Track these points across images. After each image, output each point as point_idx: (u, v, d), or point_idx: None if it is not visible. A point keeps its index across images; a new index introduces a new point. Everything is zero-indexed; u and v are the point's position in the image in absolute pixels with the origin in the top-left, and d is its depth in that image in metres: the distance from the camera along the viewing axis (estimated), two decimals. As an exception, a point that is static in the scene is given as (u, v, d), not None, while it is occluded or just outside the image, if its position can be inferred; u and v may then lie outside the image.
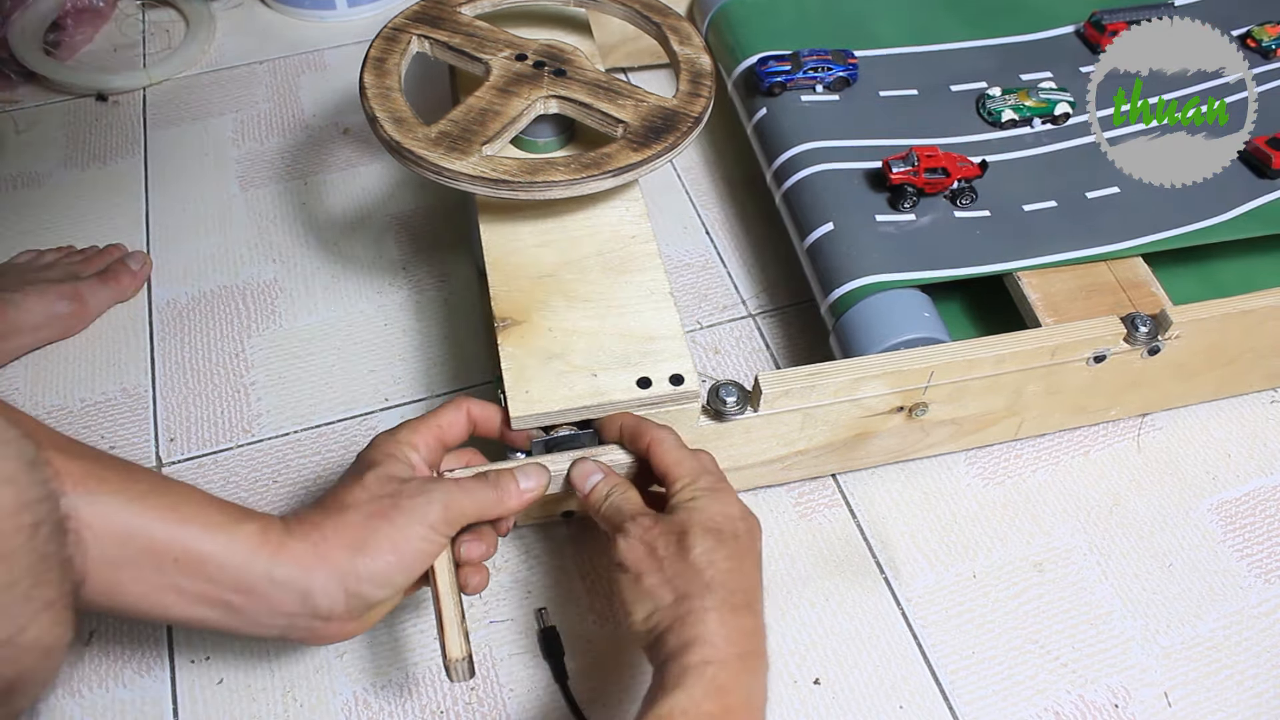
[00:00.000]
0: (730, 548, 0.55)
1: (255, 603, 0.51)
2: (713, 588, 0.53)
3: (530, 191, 0.63)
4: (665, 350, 0.63)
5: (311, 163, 0.97)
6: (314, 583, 0.52)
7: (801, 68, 0.85)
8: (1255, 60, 0.90)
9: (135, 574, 0.48)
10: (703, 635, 0.51)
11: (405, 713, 0.64)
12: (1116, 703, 0.66)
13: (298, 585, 0.52)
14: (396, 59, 0.69)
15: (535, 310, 0.64)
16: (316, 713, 0.64)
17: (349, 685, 0.65)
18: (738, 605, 0.53)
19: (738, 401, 0.64)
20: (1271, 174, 0.80)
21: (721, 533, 0.55)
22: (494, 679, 0.65)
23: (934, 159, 0.76)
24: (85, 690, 0.65)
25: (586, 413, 0.61)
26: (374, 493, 0.55)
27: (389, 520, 0.54)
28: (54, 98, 1.03)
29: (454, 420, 0.61)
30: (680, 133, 0.66)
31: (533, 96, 0.67)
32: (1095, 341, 0.68)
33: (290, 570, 0.51)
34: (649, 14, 0.75)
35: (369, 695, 0.65)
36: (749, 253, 0.90)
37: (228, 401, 0.79)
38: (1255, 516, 0.74)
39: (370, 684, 0.65)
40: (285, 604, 0.52)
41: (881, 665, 0.67)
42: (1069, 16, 0.94)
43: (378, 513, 0.54)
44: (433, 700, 0.65)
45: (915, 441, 0.72)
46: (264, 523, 0.52)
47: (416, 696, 0.65)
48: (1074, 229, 0.77)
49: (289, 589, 0.51)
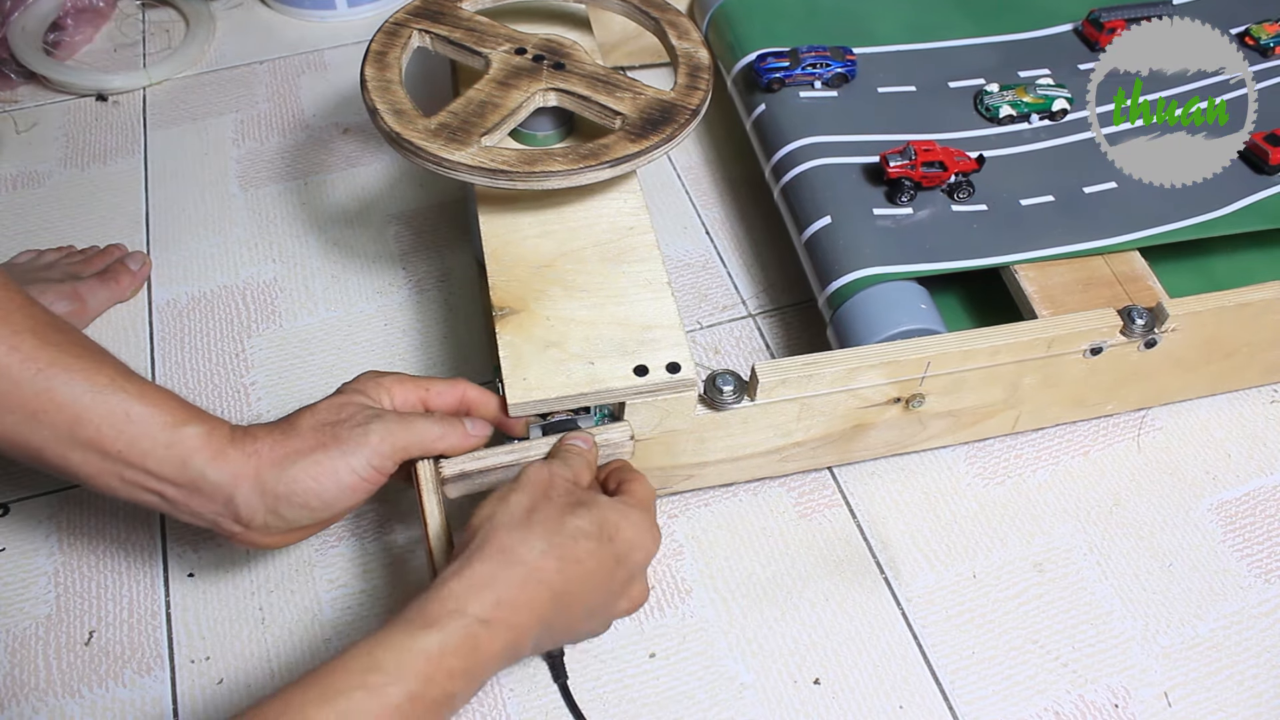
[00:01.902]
0: (598, 558, 0.54)
1: (187, 498, 0.55)
2: (541, 563, 0.52)
3: (528, 181, 0.63)
4: (662, 339, 0.63)
5: (311, 163, 0.97)
6: (238, 492, 0.55)
7: (800, 64, 0.85)
8: (1254, 58, 0.90)
9: (84, 457, 0.53)
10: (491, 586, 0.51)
11: (403, 711, 0.64)
12: (1116, 703, 0.65)
13: (224, 491, 0.55)
14: (397, 52, 0.69)
15: (533, 299, 0.64)
16: (314, 710, 0.64)
17: (346, 682, 0.65)
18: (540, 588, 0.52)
19: (734, 390, 0.64)
20: (1269, 170, 0.80)
21: (610, 540, 0.55)
22: (494, 679, 0.65)
23: (931, 153, 0.76)
24: (85, 690, 0.65)
25: (583, 400, 0.61)
26: (322, 419, 0.57)
27: (323, 448, 0.56)
28: (54, 98, 1.03)
29: (443, 391, 0.62)
30: (678, 124, 0.66)
31: (531, 89, 0.67)
32: (1092, 334, 0.67)
33: (221, 476, 0.55)
34: (648, 9, 0.75)
35: (367, 693, 0.65)
36: (749, 253, 0.90)
37: (228, 401, 0.79)
38: (1255, 516, 0.74)
39: (367, 681, 0.65)
40: (211, 504, 0.56)
41: (881, 665, 0.66)
42: (1068, 14, 0.94)
43: (315, 440, 0.56)
44: (430, 697, 0.64)
45: (913, 434, 0.72)
46: (211, 426, 0.56)
47: (414, 694, 0.65)
48: (1071, 223, 0.77)
49: (216, 492, 0.55)
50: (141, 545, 0.71)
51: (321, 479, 0.56)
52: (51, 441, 0.53)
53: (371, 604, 0.68)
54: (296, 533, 0.59)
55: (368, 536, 0.71)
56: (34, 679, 0.65)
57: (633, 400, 0.62)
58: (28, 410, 0.52)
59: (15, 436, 0.53)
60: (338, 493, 0.57)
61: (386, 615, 0.67)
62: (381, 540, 0.71)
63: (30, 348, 0.52)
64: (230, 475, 0.55)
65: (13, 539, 0.71)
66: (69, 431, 0.53)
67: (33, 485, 0.74)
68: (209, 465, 0.55)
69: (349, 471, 0.56)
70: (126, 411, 0.54)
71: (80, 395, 0.53)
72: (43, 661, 0.66)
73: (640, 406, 0.62)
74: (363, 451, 0.56)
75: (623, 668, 0.66)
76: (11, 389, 0.52)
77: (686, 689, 0.65)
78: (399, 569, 0.70)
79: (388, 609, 0.68)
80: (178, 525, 0.71)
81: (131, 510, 0.72)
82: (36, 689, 0.64)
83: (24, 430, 0.53)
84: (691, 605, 0.69)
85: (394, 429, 0.57)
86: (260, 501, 0.56)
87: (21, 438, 0.53)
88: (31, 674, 0.65)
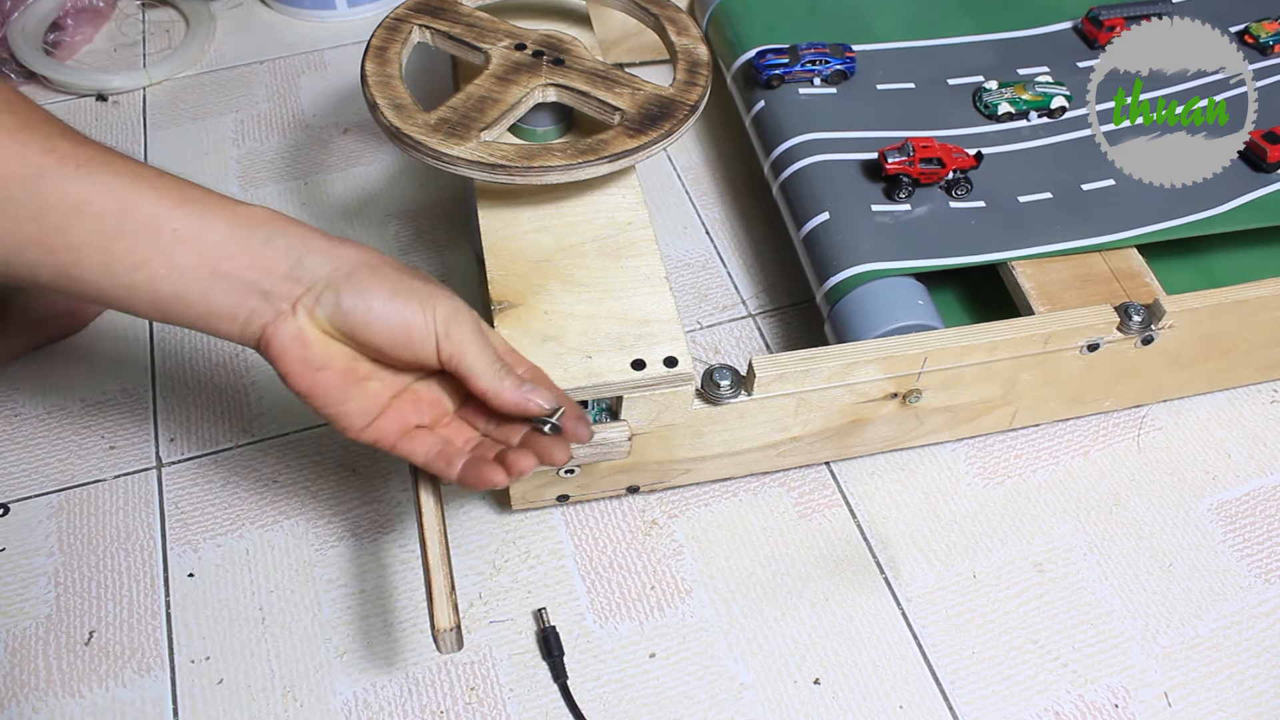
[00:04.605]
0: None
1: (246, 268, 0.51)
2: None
3: (527, 176, 0.63)
4: (660, 333, 0.63)
5: (311, 162, 0.97)
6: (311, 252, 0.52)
7: (799, 61, 0.85)
8: (1253, 56, 0.90)
9: (129, 245, 0.49)
10: None
11: (405, 713, 0.64)
12: (1116, 703, 0.65)
13: (294, 249, 0.51)
14: (397, 48, 0.69)
15: (532, 294, 0.64)
16: (316, 713, 0.64)
17: (349, 685, 0.65)
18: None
19: (732, 385, 0.64)
20: (1268, 168, 0.80)
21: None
22: (494, 679, 0.65)
23: (929, 150, 0.76)
24: (85, 690, 0.65)
25: (581, 394, 0.61)
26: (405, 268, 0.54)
27: (406, 273, 0.53)
28: (54, 98, 1.03)
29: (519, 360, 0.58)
30: (676, 120, 0.66)
31: (531, 84, 0.67)
32: (1089, 330, 0.67)
33: (291, 240, 0.52)
34: (647, 5, 0.75)
35: (369, 695, 0.65)
36: (749, 253, 0.90)
37: (228, 401, 0.79)
38: (1255, 516, 0.74)
39: (370, 684, 0.65)
40: (276, 265, 0.51)
41: (881, 665, 0.66)
42: (1067, 12, 0.94)
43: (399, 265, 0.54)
44: (433, 700, 0.64)
45: (910, 430, 0.72)
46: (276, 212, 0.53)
47: (416, 696, 0.65)
48: (1069, 220, 0.77)
49: (283, 250, 0.51)
50: (141, 545, 0.71)
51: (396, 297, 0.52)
52: (95, 235, 0.49)
53: (371, 604, 0.68)
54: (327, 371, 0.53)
55: (367, 536, 0.71)
56: (34, 679, 0.65)
57: (630, 394, 0.62)
58: (70, 205, 0.48)
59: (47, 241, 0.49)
60: (396, 318, 0.52)
61: (386, 615, 0.67)
62: (381, 540, 0.71)
63: (66, 149, 0.49)
64: (302, 239, 0.52)
65: (13, 539, 0.71)
66: (116, 220, 0.49)
67: (33, 485, 0.74)
68: (280, 232, 0.52)
69: (420, 307, 0.52)
70: (182, 192, 0.50)
71: (130, 182, 0.50)
72: (43, 661, 0.66)
73: (637, 401, 0.62)
74: (438, 306, 0.53)
75: (623, 668, 0.66)
76: (50, 188, 0.48)
77: (686, 689, 0.65)
78: (399, 569, 0.70)
79: (388, 609, 0.68)
80: (178, 525, 0.72)
81: (131, 510, 0.72)
82: (36, 689, 0.64)
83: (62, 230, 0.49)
84: (691, 605, 0.69)
85: (475, 323, 0.54)
86: (327, 271, 0.52)
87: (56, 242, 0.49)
88: (31, 674, 0.65)
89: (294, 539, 0.71)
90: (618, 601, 0.69)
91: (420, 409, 0.56)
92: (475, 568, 0.70)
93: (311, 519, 0.72)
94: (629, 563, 0.71)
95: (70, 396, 0.79)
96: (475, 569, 0.70)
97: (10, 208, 0.48)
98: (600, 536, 0.72)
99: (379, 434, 0.55)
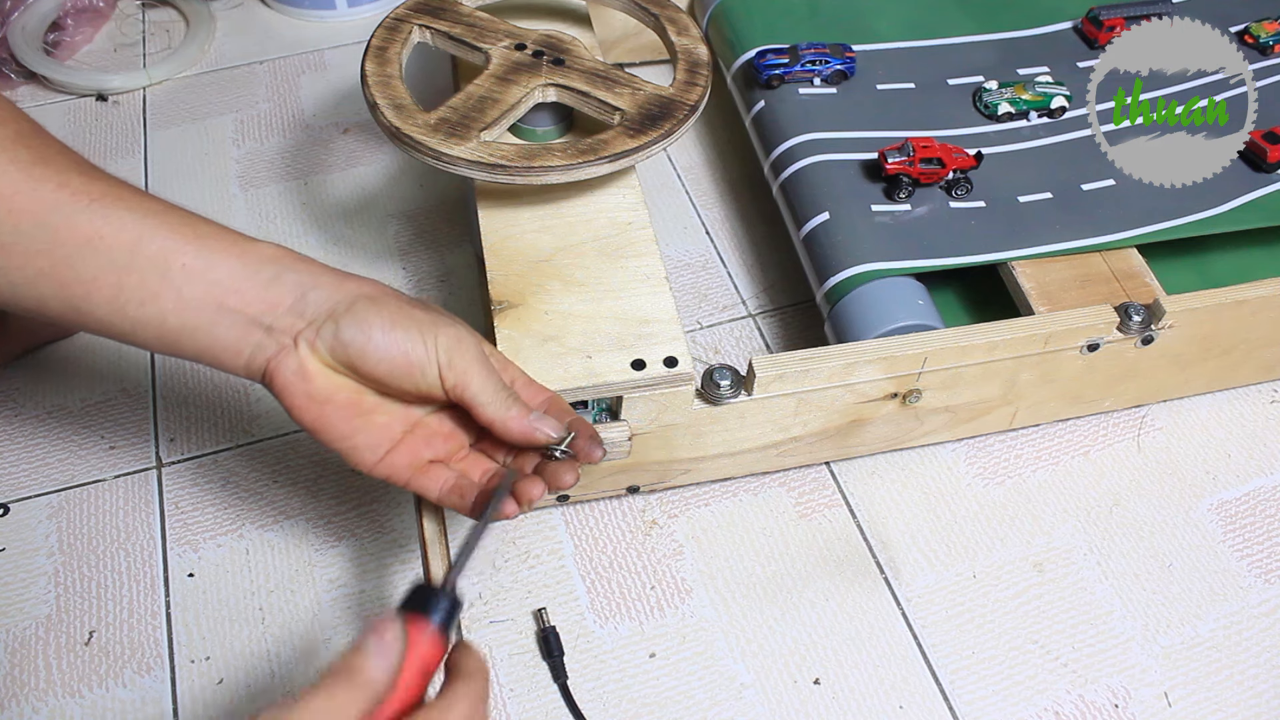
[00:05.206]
0: None
1: (251, 302, 0.51)
2: None
3: (527, 176, 0.63)
4: (660, 333, 0.63)
5: (311, 162, 0.97)
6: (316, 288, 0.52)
7: (800, 61, 0.85)
8: (1253, 56, 0.90)
9: (141, 279, 0.50)
10: None
11: (403, 710, 0.64)
12: (1116, 703, 0.65)
13: (301, 284, 0.52)
14: (397, 48, 0.69)
15: (532, 294, 0.65)
16: (315, 711, 0.64)
17: (346, 683, 0.65)
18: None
19: (732, 385, 0.64)
20: (1268, 168, 0.80)
21: None
22: (494, 679, 0.65)
23: (929, 150, 0.76)
24: (85, 690, 0.65)
25: (581, 394, 0.61)
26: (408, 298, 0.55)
27: (408, 304, 0.54)
28: (54, 98, 1.03)
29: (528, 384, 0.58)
30: (676, 120, 0.66)
31: (531, 84, 0.67)
32: (1089, 330, 0.67)
33: (299, 276, 0.52)
34: (648, 5, 0.75)
35: (367, 694, 0.64)
36: (749, 253, 0.90)
37: (228, 401, 0.79)
38: (1255, 516, 0.74)
39: (368, 682, 0.65)
40: (281, 300, 0.52)
41: (881, 665, 0.66)
42: (1067, 12, 0.94)
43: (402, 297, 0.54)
44: (431, 698, 0.64)
45: (910, 430, 0.72)
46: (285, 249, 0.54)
47: (414, 695, 0.64)
48: (1069, 220, 0.77)
49: (290, 286, 0.52)
50: (141, 545, 0.71)
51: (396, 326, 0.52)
52: (106, 269, 0.49)
53: (371, 604, 0.68)
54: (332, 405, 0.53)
55: (367, 537, 0.71)
56: (34, 679, 0.65)
57: (630, 394, 0.62)
58: (81, 238, 0.49)
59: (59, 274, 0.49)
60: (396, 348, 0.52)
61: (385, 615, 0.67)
62: (381, 540, 0.71)
63: (79, 184, 0.50)
64: (310, 275, 0.52)
65: (13, 539, 0.71)
66: (128, 254, 0.49)
67: (33, 485, 0.74)
68: (288, 269, 0.52)
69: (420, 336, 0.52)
70: (194, 227, 0.51)
71: (142, 217, 0.50)
72: (43, 662, 0.66)
73: (637, 400, 0.62)
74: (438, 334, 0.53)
75: (623, 668, 0.66)
76: (63, 223, 0.49)
77: (686, 689, 0.65)
78: (398, 569, 0.70)
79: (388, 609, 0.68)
80: (178, 525, 0.72)
81: (131, 510, 0.72)
82: (36, 689, 0.64)
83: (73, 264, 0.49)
84: (691, 605, 0.69)
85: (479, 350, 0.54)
86: (329, 304, 0.52)
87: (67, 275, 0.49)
88: (31, 674, 0.65)
89: (294, 539, 0.71)
90: (618, 601, 0.69)
91: (433, 443, 0.56)
92: (475, 568, 0.70)
93: (311, 519, 0.72)
94: (629, 563, 0.71)
95: (70, 396, 0.79)
96: (475, 569, 0.70)
97: (23, 242, 0.49)
98: (600, 536, 0.72)
99: (391, 470, 0.55)
